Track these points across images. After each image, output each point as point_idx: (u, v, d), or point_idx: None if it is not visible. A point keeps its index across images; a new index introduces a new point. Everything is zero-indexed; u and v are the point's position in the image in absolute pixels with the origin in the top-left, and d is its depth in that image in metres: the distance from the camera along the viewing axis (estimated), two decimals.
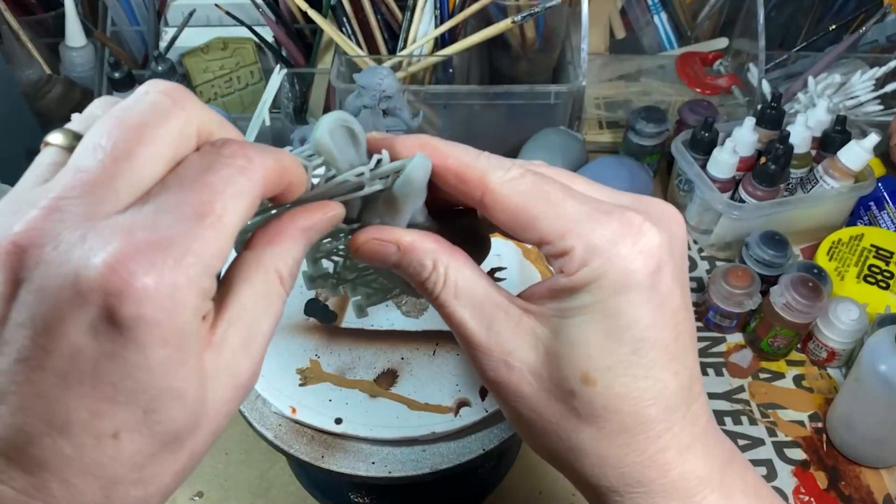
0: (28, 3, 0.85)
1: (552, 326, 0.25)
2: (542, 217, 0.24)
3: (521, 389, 0.25)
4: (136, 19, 0.88)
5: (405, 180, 0.25)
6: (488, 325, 0.25)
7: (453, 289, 0.26)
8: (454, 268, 0.26)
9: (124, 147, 0.20)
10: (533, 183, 0.25)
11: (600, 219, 0.24)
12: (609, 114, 0.90)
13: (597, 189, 0.27)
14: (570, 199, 0.24)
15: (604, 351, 0.24)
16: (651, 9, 0.93)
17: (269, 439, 0.42)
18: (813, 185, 0.73)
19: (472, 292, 0.26)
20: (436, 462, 0.41)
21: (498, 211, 0.25)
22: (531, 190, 0.25)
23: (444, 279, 0.26)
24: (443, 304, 0.26)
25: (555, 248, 0.24)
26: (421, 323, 0.45)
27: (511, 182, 0.25)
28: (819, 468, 0.59)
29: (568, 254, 0.24)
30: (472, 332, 0.26)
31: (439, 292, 0.26)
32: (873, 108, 0.81)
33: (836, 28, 0.86)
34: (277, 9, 0.83)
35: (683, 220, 0.26)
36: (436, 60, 0.79)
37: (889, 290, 0.67)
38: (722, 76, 0.88)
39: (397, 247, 0.26)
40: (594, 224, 0.24)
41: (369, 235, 0.26)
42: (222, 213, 0.20)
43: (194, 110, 0.22)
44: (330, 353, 0.43)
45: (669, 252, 0.24)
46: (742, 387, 0.65)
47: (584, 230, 0.24)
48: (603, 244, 0.23)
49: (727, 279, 0.65)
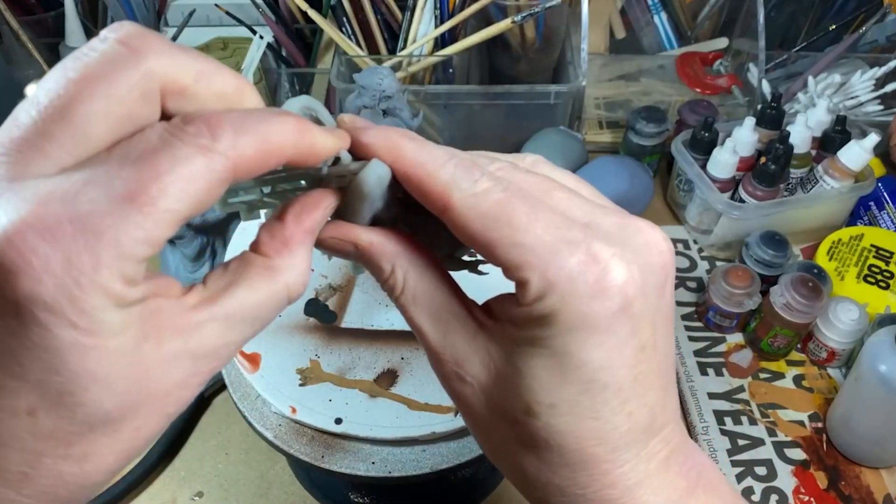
0: (28, 3, 0.85)
1: (505, 349, 0.24)
2: (498, 244, 0.22)
3: (471, 403, 0.25)
4: (136, 19, 0.88)
5: (357, 185, 0.24)
6: (444, 334, 0.25)
7: (411, 294, 0.25)
8: (413, 272, 0.25)
9: (59, 104, 0.18)
10: (497, 203, 0.22)
11: (562, 250, 0.21)
12: (609, 114, 0.90)
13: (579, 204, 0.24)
14: (536, 223, 0.22)
15: (549, 388, 0.23)
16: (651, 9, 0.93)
17: (269, 439, 0.42)
18: (813, 185, 0.73)
19: (430, 299, 0.25)
20: (436, 462, 0.41)
21: (458, 229, 0.23)
22: (494, 210, 0.22)
23: (403, 284, 0.25)
24: (401, 308, 0.25)
25: (511, 276, 0.23)
26: None
27: (474, 199, 0.23)
28: (819, 468, 0.59)
29: (523, 285, 0.22)
30: (429, 339, 0.25)
31: (397, 295, 0.25)
32: (873, 108, 0.81)
33: (836, 28, 0.86)
34: (277, 9, 0.83)
35: (670, 247, 0.24)
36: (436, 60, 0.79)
37: (889, 290, 0.67)
38: (722, 76, 0.88)
39: (354, 247, 0.25)
40: (555, 256, 0.21)
41: (327, 234, 0.25)
42: (158, 198, 0.18)
43: (159, 62, 0.19)
44: (330, 353, 0.43)
45: (641, 288, 0.22)
46: (742, 387, 0.65)
47: (543, 263, 0.22)
48: (560, 280, 0.21)
49: (727, 279, 0.65)
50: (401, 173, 0.24)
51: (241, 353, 0.43)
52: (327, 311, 0.45)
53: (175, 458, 0.60)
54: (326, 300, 0.46)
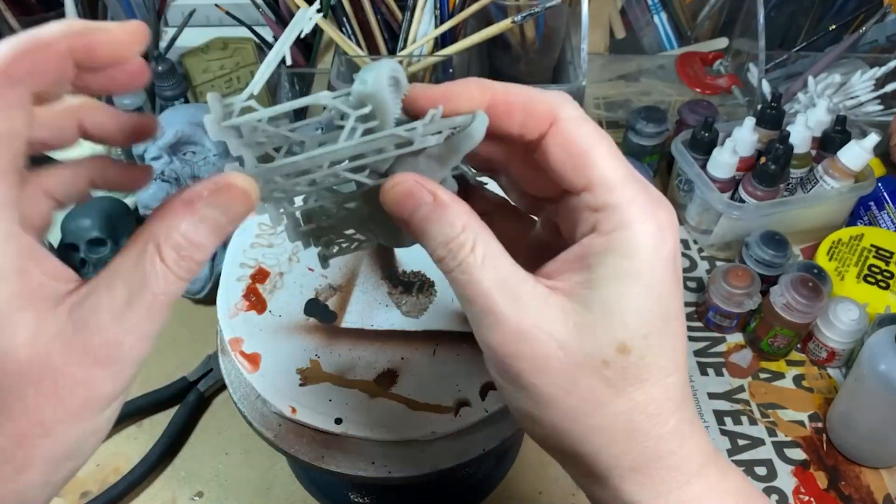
0: (28, 3, 0.85)
1: (582, 299, 0.24)
2: (597, 164, 0.25)
3: (548, 364, 0.24)
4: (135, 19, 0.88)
5: (466, 137, 0.25)
6: (515, 298, 0.24)
7: (480, 257, 0.24)
8: (483, 236, 0.25)
9: None
10: (596, 129, 0.25)
11: (642, 187, 0.25)
12: (609, 114, 0.90)
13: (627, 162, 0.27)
14: (619, 160, 0.25)
15: (642, 319, 0.24)
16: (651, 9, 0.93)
17: (269, 439, 0.42)
18: (813, 185, 0.73)
19: (499, 264, 0.25)
20: (436, 462, 0.41)
21: (558, 146, 0.25)
22: (594, 134, 0.25)
23: (473, 245, 0.24)
24: (465, 271, 0.24)
25: (596, 200, 0.25)
26: (421, 323, 0.45)
27: (578, 121, 0.25)
28: (819, 468, 0.59)
29: (607, 209, 0.24)
30: (497, 304, 0.24)
31: (464, 257, 0.24)
32: (873, 108, 0.81)
33: (836, 28, 0.86)
34: (277, 9, 0.83)
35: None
36: (436, 60, 0.79)
37: (889, 290, 0.67)
38: (722, 76, 0.88)
39: (433, 197, 0.25)
40: (638, 187, 0.25)
41: (410, 177, 0.25)
42: None
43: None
44: (330, 353, 0.43)
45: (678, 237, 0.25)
46: (742, 387, 0.65)
47: (629, 193, 0.24)
48: (643, 210, 0.24)
49: (727, 279, 0.65)
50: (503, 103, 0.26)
51: (241, 353, 0.43)
52: (327, 311, 0.45)
53: (175, 458, 0.60)
54: (326, 300, 0.46)
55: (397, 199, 0.25)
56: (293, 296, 0.46)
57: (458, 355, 0.43)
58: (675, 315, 0.25)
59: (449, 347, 0.43)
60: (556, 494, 0.57)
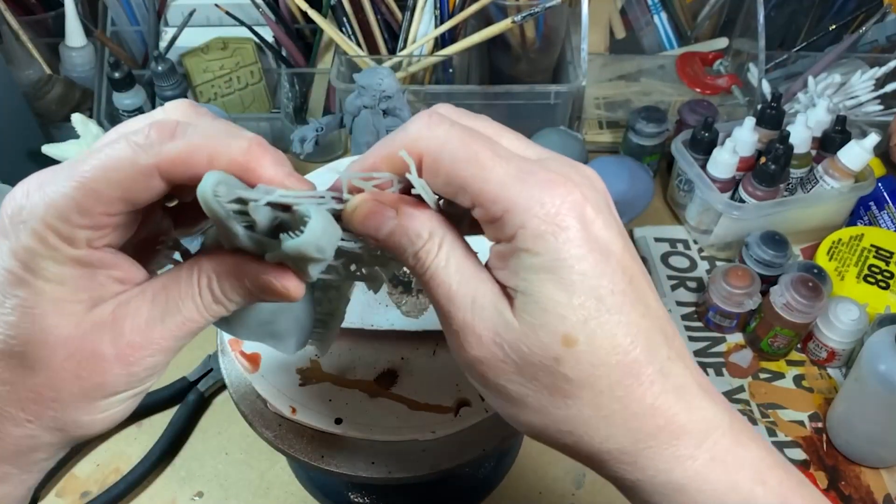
0: (28, 3, 0.85)
1: (519, 302, 0.25)
2: (471, 181, 0.24)
3: (505, 367, 0.25)
4: (136, 19, 0.88)
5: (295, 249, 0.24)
6: (472, 302, 0.25)
7: (444, 260, 0.25)
8: (449, 240, 0.26)
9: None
10: (460, 141, 0.24)
11: (526, 179, 0.24)
12: (609, 114, 0.90)
13: (524, 146, 0.26)
14: (495, 160, 0.24)
15: (572, 306, 0.24)
16: (651, 9, 0.93)
17: (269, 439, 0.42)
18: (813, 185, 0.73)
19: (462, 266, 0.26)
20: (436, 462, 0.41)
21: (433, 176, 0.25)
22: (459, 150, 0.24)
23: (438, 249, 0.25)
24: (433, 276, 0.26)
25: (486, 214, 0.24)
26: (421, 323, 0.45)
27: (437, 141, 0.25)
28: (819, 468, 0.59)
29: (499, 219, 0.24)
30: (459, 307, 0.25)
31: (430, 261, 0.25)
32: (873, 108, 0.81)
33: (836, 28, 0.86)
34: (277, 9, 0.83)
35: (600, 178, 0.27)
36: (436, 60, 0.79)
37: (889, 290, 0.67)
38: (722, 76, 0.88)
39: (396, 212, 0.26)
40: (521, 185, 0.24)
41: (368, 197, 0.26)
42: (88, 172, 0.23)
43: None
44: (330, 353, 0.43)
45: (595, 205, 0.24)
46: (742, 387, 0.65)
47: (510, 193, 0.24)
48: (529, 204, 0.24)
49: (727, 279, 0.65)
50: (371, 166, 0.26)
51: (241, 354, 0.43)
52: None
53: (175, 458, 0.60)
54: None
55: (362, 221, 0.26)
56: None
57: None
58: (611, 289, 0.24)
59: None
60: (556, 494, 0.57)
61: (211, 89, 0.85)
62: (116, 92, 0.79)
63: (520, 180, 0.24)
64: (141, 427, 0.62)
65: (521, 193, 0.24)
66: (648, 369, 0.24)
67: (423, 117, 0.25)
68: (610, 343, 0.24)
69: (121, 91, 0.78)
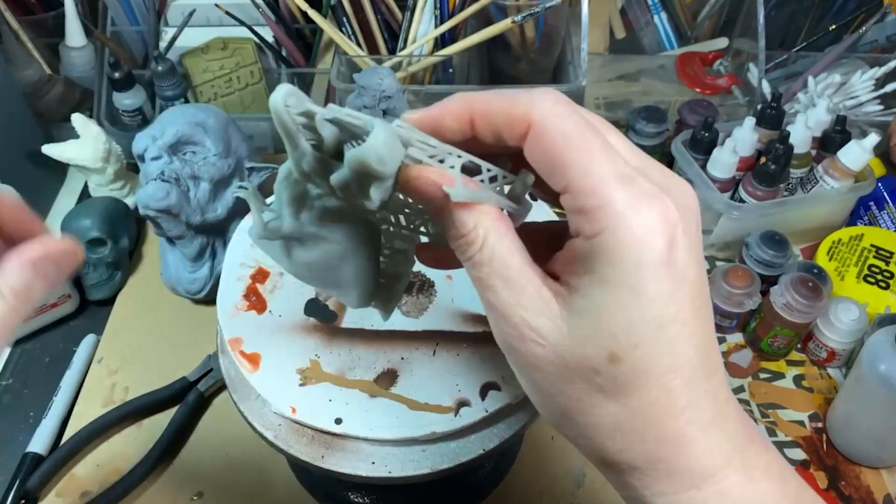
0: (28, 3, 0.85)
1: (573, 306, 0.24)
2: (574, 166, 0.23)
3: (544, 366, 0.25)
4: (136, 19, 0.88)
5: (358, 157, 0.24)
6: (518, 297, 0.25)
7: (489, 253, 0.25)
8: (494, 232, 0.25)
9: None
10: (576, 125, 0.24)
11: (627, 184, 0.23)
12: (609, 114, 0.90)
13: (628, 149, 0.26)
14: (604, 154, 0.24)
15: (629, 329, 0.23)
16: (651, 9, 0.93)
17: (269, 439, 0.42)
18: (813, 185, 0.73)
19: (507, 261, 0.25)
20: (436, 462, 0.41)
21: (536, 147, 0.24)
22: (573, 132, 0.24)
23: (483, 241, 0.25)
24: (476, 266, 0.25)
25: (576, 203, 0.24)
26: (421, 323, 0.45)
27: (556, 118, 0.24)
28: (819, 468, 0.59)
29: (589, 213, 0.23)
30: (501, 302, 0.25)
31: (473, 254, 0.25)
32: (873, 108, 0.81)
33: (836, 28, 0.86)
34: (277, 9, 0.83)
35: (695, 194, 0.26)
36: (436, 60, 0.79)
37: (889, 290, 0.67)
38: (722, 76, 0.88)
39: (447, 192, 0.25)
40: (619, 188, 0.23)
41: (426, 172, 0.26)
42: None
43: None
44: (330, 353, 0.43)
45: (685, 228, 0.24)
46: (742, 387, 0.65)
47: (609, 193, 0.23)
48: (625, 210, 0.23)
49: (727, 279, 0.65)
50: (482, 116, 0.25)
51: (241, 353, 0.43)
52: (327, 311, 0.45)
53: (175, 458, 0.60)
54: (326, 300, 0.46)
55: (416, 189, 0.26)
56: (293, 296, 0.46)
57: (458, 355, 0.43)
58: (675, 317, 0.23)
59: (449, 347, 0.43)
60: (557, 494, 0.57)
61: (211, 89, 0.85)
62: (116, 92, 0.79)
63: (621, 182, 0.23)
64: (141, 427, 0.62)
65: (619, 195, 0.23)
66: (682, 400, 0.24)
67: (549, 91, 0.25)
68: (654, 370, 0.24)
69: (121, 91, 0.78)
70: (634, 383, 0.24)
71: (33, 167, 0.79)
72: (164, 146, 0.62)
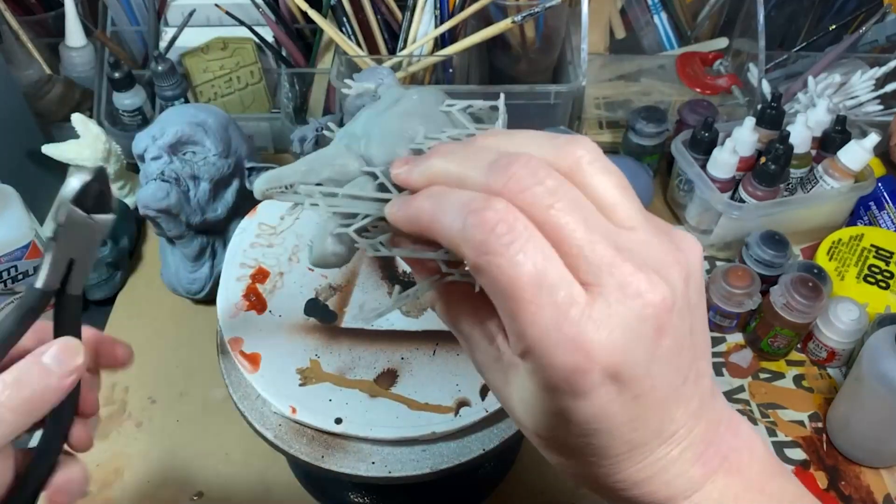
0: (28, 3, 0.85)
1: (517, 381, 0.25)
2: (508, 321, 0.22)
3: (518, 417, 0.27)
4: (136, 19, 0.88)
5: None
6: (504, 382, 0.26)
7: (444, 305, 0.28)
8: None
9: None
10: (509, 280, 0.21)
11: (560, 344, 0.21)
12: (609, 114, 0.90)
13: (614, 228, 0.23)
14: (540, 311, 0.21)
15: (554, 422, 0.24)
16: (651, 9, 0.93)
17: (269, 439, 0.42)
18: (813, 185, 0.73)
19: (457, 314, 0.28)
20: (436, 462, 0.41)
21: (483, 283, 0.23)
22: (506, 287, 0.22)
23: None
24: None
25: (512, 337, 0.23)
26: (421, 323, 0.45)
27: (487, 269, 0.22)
28: (819, 468, 0.59)
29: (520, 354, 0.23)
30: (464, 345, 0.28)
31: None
32: (873, 108, 0.81)
33: (836, 28, 0.86)
34: (277, 9, 0.83)
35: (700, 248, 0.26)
36: (436, 60, 0.79)
37: (889, 290, 0.67)
38: (722, 76, 0.88)
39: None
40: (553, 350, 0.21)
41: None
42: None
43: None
44: (330, 353, 0.43)
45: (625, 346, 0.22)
46: (742, 387, 0.65)
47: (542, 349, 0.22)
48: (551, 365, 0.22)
49: (727, 279, 0.65)
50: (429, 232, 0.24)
51: (242, 354, 0.43)
52: (327, 311, 0.45)
53: (175, 458, 0.60)
54: (326, 300, 0.46)
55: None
56: (293, 296, 0.46)
57: (458, 355, 0.43)
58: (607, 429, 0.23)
59: (449, 347, 0.43)
60: (556, 494, 0.57)
61: (211, 89, 0.85)
62: (116, 92, 0.79)
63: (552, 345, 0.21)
64: (141, 427, 0.62)
65: (547, 354, 0.21)
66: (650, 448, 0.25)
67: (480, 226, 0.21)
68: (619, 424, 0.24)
69: (121, 91, 0.78)
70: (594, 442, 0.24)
71: (33, 167, 0.79)
72: (164, 146, 0.62)
